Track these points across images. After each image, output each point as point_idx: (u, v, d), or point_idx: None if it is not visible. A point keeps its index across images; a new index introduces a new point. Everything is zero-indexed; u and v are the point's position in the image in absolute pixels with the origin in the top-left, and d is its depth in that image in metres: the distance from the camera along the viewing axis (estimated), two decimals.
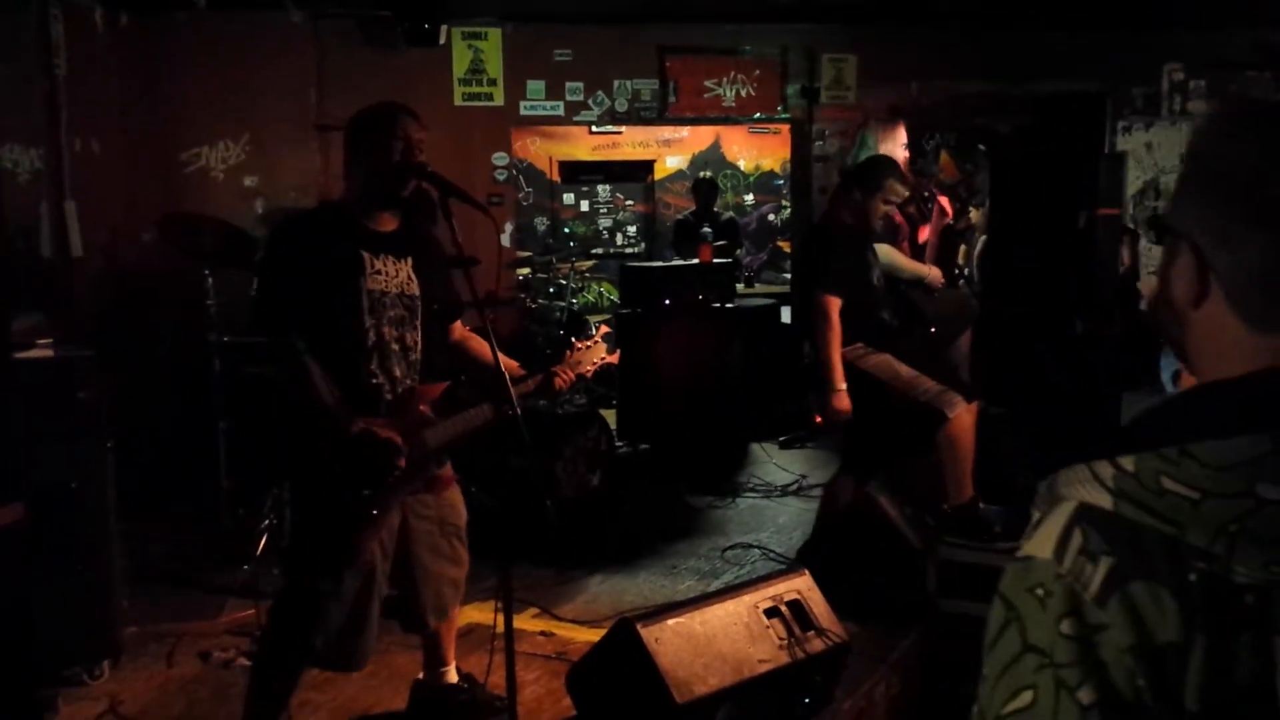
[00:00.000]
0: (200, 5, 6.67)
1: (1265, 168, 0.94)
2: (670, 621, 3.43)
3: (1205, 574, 0.84)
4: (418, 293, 3.37)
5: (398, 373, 3.32)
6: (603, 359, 3.66)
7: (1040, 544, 0.91)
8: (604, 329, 3.89)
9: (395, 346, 3.31)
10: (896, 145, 5.10)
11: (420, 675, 3.91)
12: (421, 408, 3.34)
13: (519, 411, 3.11)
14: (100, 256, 6.66)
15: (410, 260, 3.37)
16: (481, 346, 3.60)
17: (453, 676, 3.87)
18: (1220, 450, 0.87)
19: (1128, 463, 0.89)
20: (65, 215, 6.08)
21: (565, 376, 3.55)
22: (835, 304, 4.69)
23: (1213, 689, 0.83)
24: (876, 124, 5.20)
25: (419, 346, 3.39)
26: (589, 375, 3.67)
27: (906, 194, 5.08)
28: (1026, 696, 0.88)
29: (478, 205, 3.27)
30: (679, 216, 10.31)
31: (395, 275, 3.31)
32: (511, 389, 3.11)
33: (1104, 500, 0.89)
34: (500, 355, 3.31)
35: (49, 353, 4.10)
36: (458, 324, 3.69)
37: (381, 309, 3.27)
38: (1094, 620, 0.86)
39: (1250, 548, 0.83)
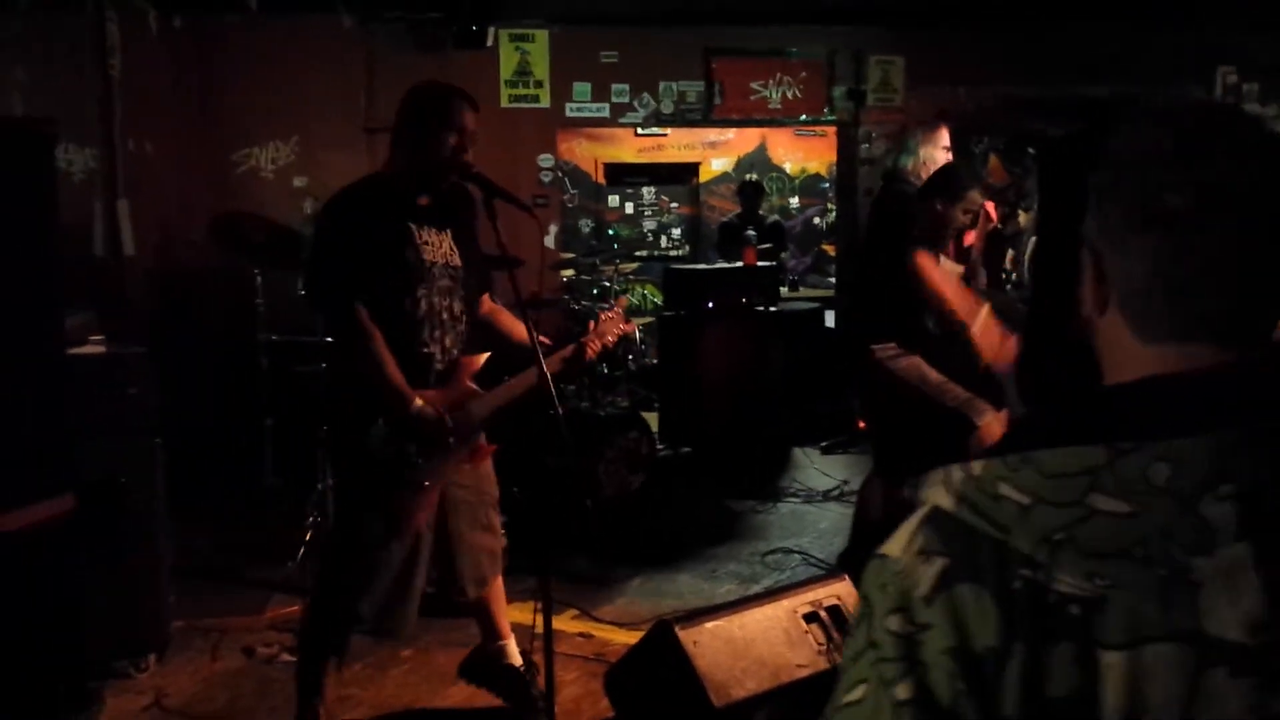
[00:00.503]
0: (252, 7, 6.75)
1: (1156, 173, 0.93)
2: (709, 624, 3.43)
3: (1029, 581, 0.83)
4: (460, 263, 3.41)
5: (447, 342, 3.37)
6: (621, 329, 3.68)
7: (894, 543, 0.92)
8: (623, 300, 3.92)
9: (445, 316, 3.36)
10: (938, 148, 5.02)
11: (450, 665, 3.93)
12: (466, 379, 3.39)
13: (561, 411, 3.13)
14: (152, 255, 6.77)
15: (450, 231, 3.42)
16: (511, 321, 3.66)
17: (515, 657, 3.84)
18: (1058, 458, 0.86)
19: (976, 467, 0.89)
20: (118, 214, 6.18)
21: (594, 346, 3.57)
22: (928, 257, 4.54)
23: (1030, 697, 0.82)
24: (918, 127, 5.14)
25: (465, 317, 3.43)
26: (612, 345, 3.67)
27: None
28: (859, 691, 0.89)
29: (522, 205, 3.30)
30: (724, 219, 10.30)
31: (440, 246, 3.36)
32: (550, 383, 3.13)
33: (948, 503, 0.89)
34: (519, 325, 3.47)
35: (101, 349, 4.18)
36: (486, 297, 3.71)
37: (431, 279, 3.31)
38: (920, 619, 0.86)
39: (1073, 558, 0.82)
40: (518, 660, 3.86)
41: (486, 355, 3.50)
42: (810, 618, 3.61)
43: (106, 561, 4.00)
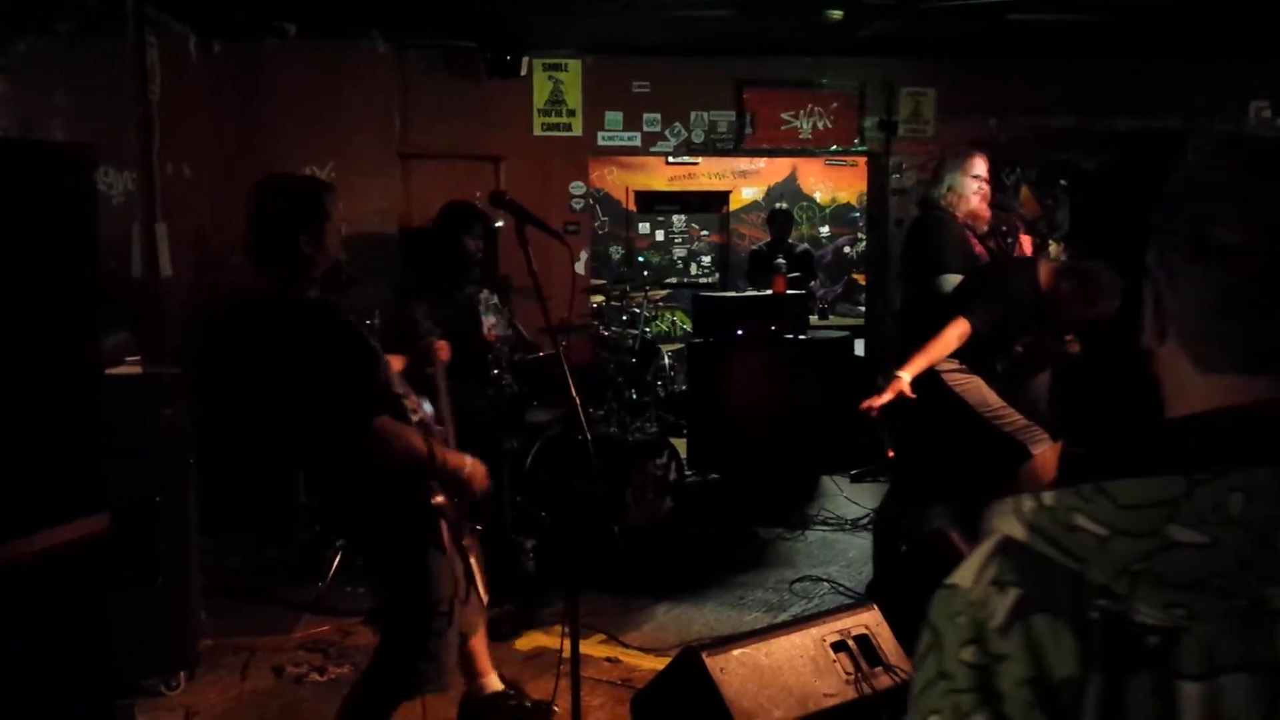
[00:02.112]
0: (290, 34, 6.85)
1: (1209, 205, 0.94)
2: (736, 652, 3.43)
3: (1106, 612, 0.84)
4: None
5: (414, 402, 3.40)
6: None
7: (964, 572, 0.92)
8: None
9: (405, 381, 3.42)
10: (969, 176, 5.03)
11: (464, 690, 3.94)
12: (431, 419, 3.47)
13: (589, 435, 3.17)
14: (189, 276, 6.84)
15: (369, 325, 3.47)
16: None
17: (496, 684, 3.92)
18: (1135, 489, 0.86)
19: (1048, 497, 0.89)
20: (156, 236, 6.26)
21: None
22: (961, 328, 4.49)
23: None
24: (950, 156, 5.15)
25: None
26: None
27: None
28: None
29: (553, 232, 3.33)
30: (754, 247, 10.32)
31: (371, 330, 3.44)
32: (580, 410, 3.16)
33: (1020, 533, 0.89)
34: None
35: (137, 370, 4.23)
36: None
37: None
38: (995, 650, 0.87)
39: (1152, 589, 0.83)
40: (499, 685, 3.92)
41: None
42: (838, 646, 3.61)
43: (140, 580, 4.05)
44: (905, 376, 4.41)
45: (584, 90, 7.84)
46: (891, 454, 7.72)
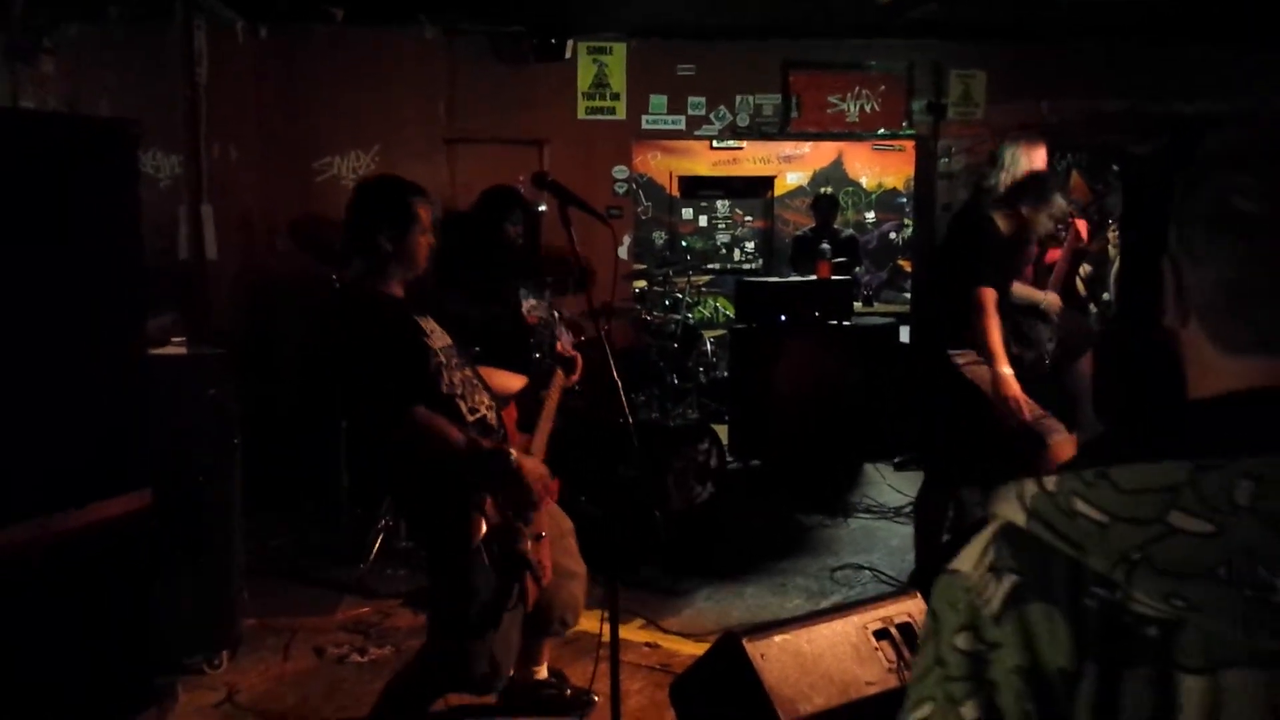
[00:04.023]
0: (338, 19, 6.87)
1: (1224, 176, 0.91)
2: (777, 638, 3.39)
3: (1104, 601, 0.81)
4: (451, 340, 3.46)
5: (487, 400, 3.42)
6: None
7: (964, 557, 0.91)
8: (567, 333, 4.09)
9: (475, 382, 3.42)
10: (1035, 164, 4.93)
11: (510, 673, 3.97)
12: (515, 429, 3.51)
13: (630, 420, 3.15)
14: (234, 259, 6.90)
15: (429, 314, 3.47)
16: (488, 374, 3.73)
17: (543, 673, 3.99)
18: (1137, 474, 0.83)
19: (1050, 482, 0.87)
20: (202, 219, 6.32)
21: (573, 376, 3.78)
22: (992, 295, 4.54)
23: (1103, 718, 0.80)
24: (1014, 142, 5.02)
25: (477, 376, 3.48)
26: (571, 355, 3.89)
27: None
28: (925, 709, 0.88)
29: (597, 215, 3.31)
30: (797, 233, 10.25)
31: (436, 329, 3.42)
32: (621, 393, 3.16)
33: (1020, 518, 0.87)
34: (499, 374, 3.66)
35: (182, 350, 4.26)
36: None
37: (449, 360, 3.35)
38: (989, 637, 0.85)
39: (1151, 578, 0.80)
40: (544, 675, 4.00)
41: (513, 405, 3.63)
42: (881, 634, 3.56)
43: (184, 560, 4.08)
44: (1007, 371, 4.46)
45: (628, 73, 7.80)
46: None
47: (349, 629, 4.80)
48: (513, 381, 3.72)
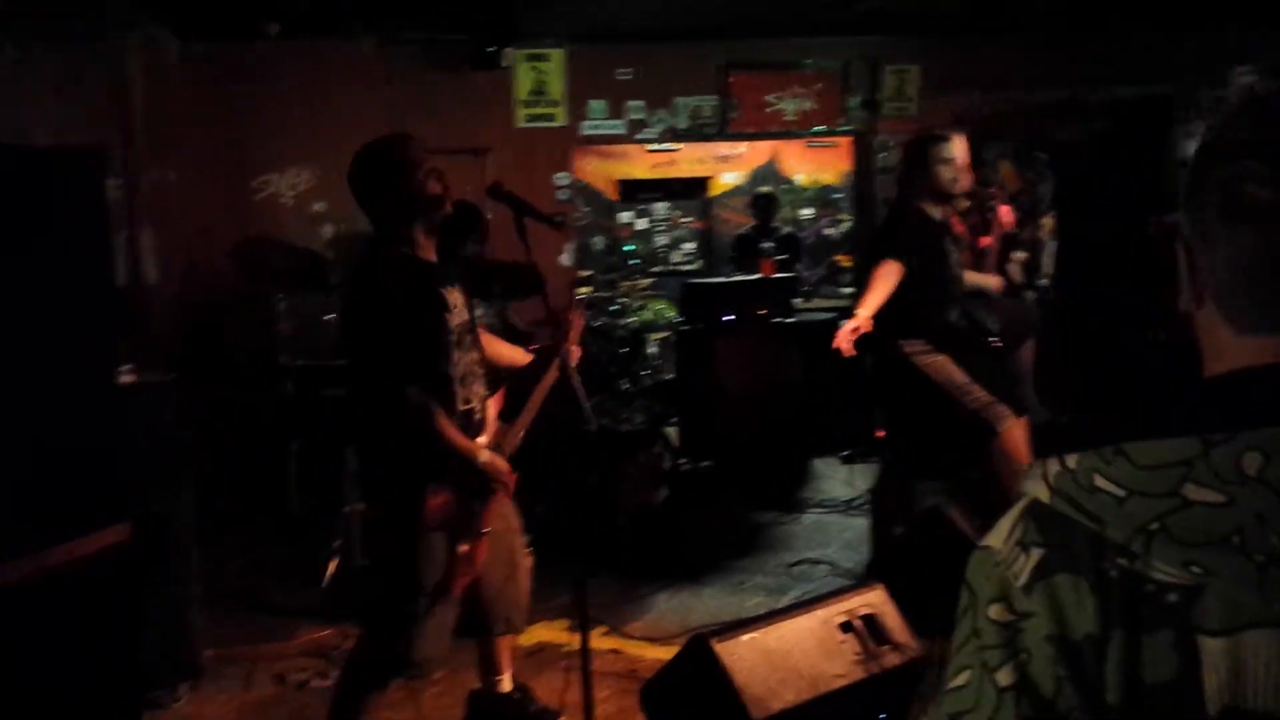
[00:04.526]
0: (273, 35, 6.80)
1: (1237, 163, 0.94)
2: (745, 637, 3.42)
3: (1125, 570, 0.86)
4: (471, 317, 3.45)
5: (481, 392, 3.42)
6: (579, 324, 3.80)
7: (995, 534, 0.95)
8: (580, 297, 4.09)
9: (475, 370, 3.41)
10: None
11: (476, 686, 3.95)
12: (495, 419, 3.48)
13: (594, 426, 3.20)
14: (175, 283, 6.80)
15: (460, 285, 3.45)
16: (494, 343, 3.77)
17: (507, 685, 3.92)
18: (1152, 450, 0.88)
19: (1072, 460, 0.91)
20: (140, 243, 6.22)
21: (574, 353, 3.64)
22: (890, 268, 4.61)
23: (1132, 684, 0.85)
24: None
25: (481, 364, 3.48)
26: (577, 340, 3.78)
27: (959, 155, 5.01)
28: (964, 676, 0.92)
29: (552, 224, 3.33)
30: (739, 232, 10.29)
31: (460, 305, 3.39)
32: (583, 398, 3.19)
33: (1045, 495, 0.92)
34: (505, 345, 3.73)
35: (132, 378, 4.19)
36: None
37: (461, 339, 3.35)
38: (1020, 608, 0.90)
39: (1169, 547, 0.85)
40: (509, 687, 3.93)
41: (502, 391, 3.63)
42: (846, 627, 3.60)
43: (142, 591, 4.02)
44: (863, 313, 4.51)
45: (567, 80, 7.81)
46: (881, 434, 7.74)
47: (310, 654, 4.74)
48: (518, 356, 3.73)
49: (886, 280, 4.63)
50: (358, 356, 3.38)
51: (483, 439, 3.41)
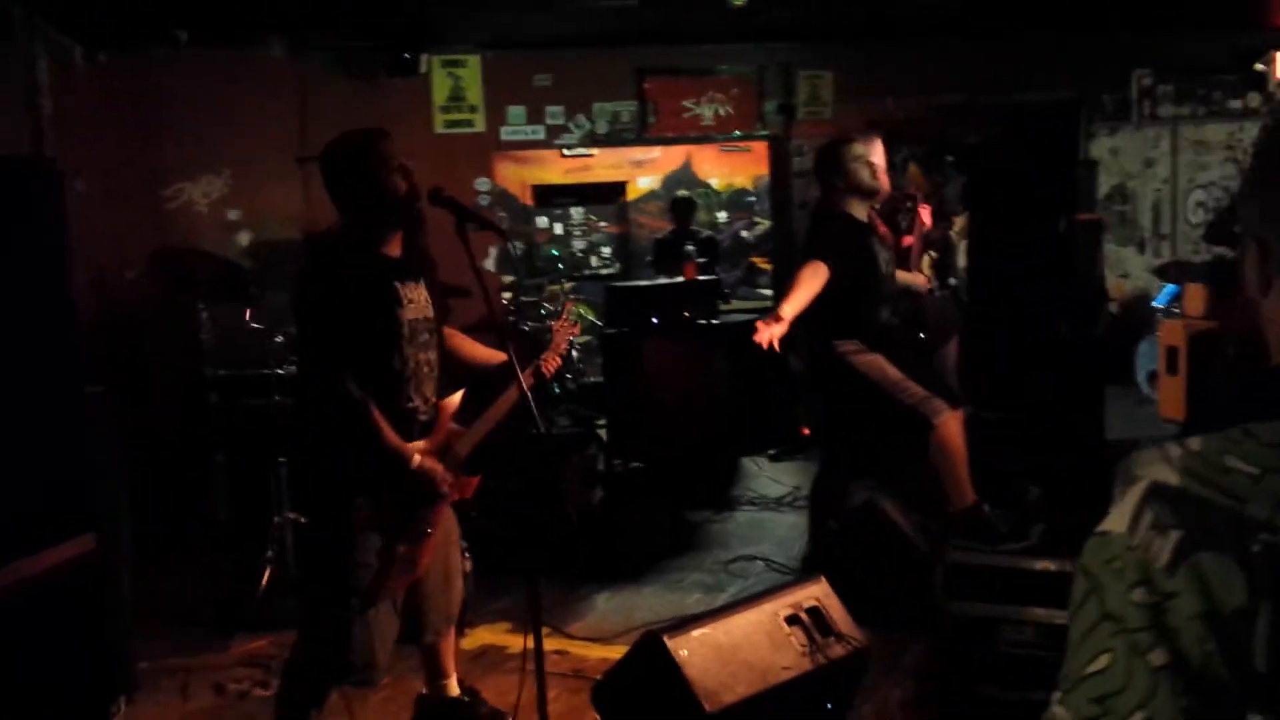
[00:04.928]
0: (183, 42, 6.68)
1: None
2: (695, 633, 3.47)
3: (1268, 544, 0.89)
4: (434, 315, 3.45)
5: (428, 393, 3.41)
6: (571, 334, 3.88)
7: (1116, 520, 0.97)
8: (570, 305, 4.06)
9: (426, 369, 3.39)
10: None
11: (423, 690, 3.93)
12: (447, 421, 3.44)
13: (541, 428, 3.20)
14: (89, 295, 6.63)
15: (423, 281, 3.44)
16: (469, 344, 3.76)
17: (454, 689, 3.91)
18: (1277, 430, 0.93)
19: (1195, 443, 0.95)
20: None
21: (552, 362, 3.71)
22: (816, 269, 4.68)
23: (1278, 652, 0.88)
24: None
25: (440, 364, 3.46)
26: (564, 351, 3.84)
27: (873, 154, 5.13)
28: (1104, 660, 0.94)
29: (494, 228, 3.35)
30: (658, 236, 10.35)
31: (418, 300, 3.37)
32: (533, 404, 3.18)
33: (1173, 478, 0.94)
34: (479, 346, 3.70)
35: None
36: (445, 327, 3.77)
37: (414, 336, 3.33)
38: (1165, 588, 0.91)
39: None
40: (457, 691, 3.91)
41: (461, 394, 3.58)
42: (792, 620, 3.66)
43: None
44: (787, 311, 4.57)
45: (485, 86, 7.81)
46: (806, 431, 7.86)
47: (247, 664, 4.67)
48: (493, 357, 3.67)
49: (812, 281, 4.71)
50: (301, 346, 3.37)
51: (421, 443, 3.38)
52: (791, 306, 4.61)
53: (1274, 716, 0.89)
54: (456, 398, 3.56)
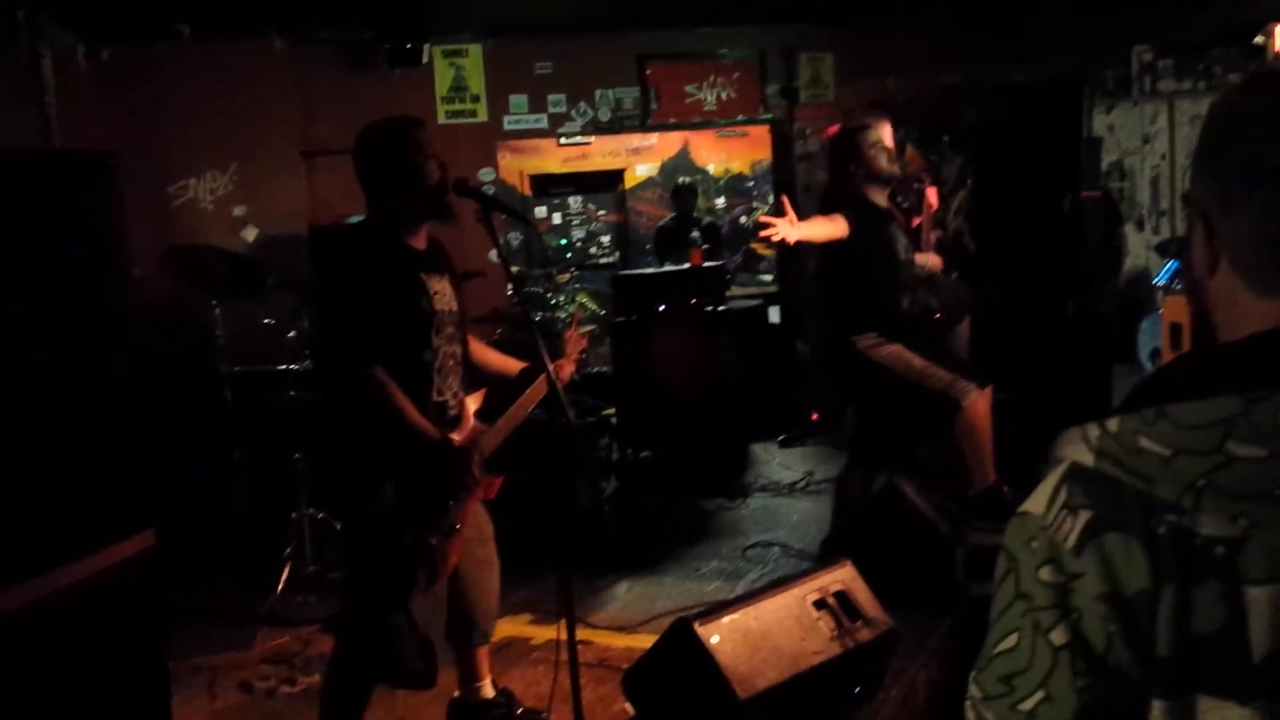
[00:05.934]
0: (185, 37, 6.65)
1: (1258, 132, 0.98)
2: (725, 619, 3.48)
3: (1174, 527, 0.89)
4: (459, 308, 3.44)
5: (456, 387, 3.39)
6: (581, 345, 3.87)
7: (1035, 500, 0.98)
8: (578, 315, 4.06)
9: (452, 363, 3.38)
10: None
11: (456, 693, 3.91)
12: (471, 417, 3.42)
13: (573, 420, 3.21)
14: None
15: (449, 275, 3.43)
16: (483, 350, 3.75)
17: (489, 691, 3.89)
18: (1193, 410, 0.92)
19: (1112, 424, 0.95)
20: None
21: (567, 369, 3.70)
22: (835, 220, 4.65)
23: (1181, 636, 0.88)
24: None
25: (465, 358, 3.46)
26: (576, 361, 3.87)
27: (887, 139, 5.11)
28: (1012, 639, 0.95)
29: (520, 217, 3.35)
30: (660, 223, 10.34)
31: (445, 293, 3.36)
32: (562, 397, 3.19)
33: (1088, 458, 0.95)
34: (495, 353, 3.69)
35: None
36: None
37: (442, 328, 3.32)
38: (1071, 569, 0.92)
39: (1217, 501, 0.88)
40: (492, 693, 3.90)
41: (483, 391, 3.56)
42: (820, 604, 3.68)
43: None
44: (796, 231, 4.48)
45: (487, 75, 7.78)
46: (816, 416, 7.88)
47: (272, 661, 4.69)
48: (509, 364, 3.68)
49: (830, 225, 4.66)
50: (321, 338, 3.34)
51: (455, 435, 3.37)
52: (804, 229, 4.51)
53: (1176, 701, 0.89)
54: (479, 395, 3.56)
